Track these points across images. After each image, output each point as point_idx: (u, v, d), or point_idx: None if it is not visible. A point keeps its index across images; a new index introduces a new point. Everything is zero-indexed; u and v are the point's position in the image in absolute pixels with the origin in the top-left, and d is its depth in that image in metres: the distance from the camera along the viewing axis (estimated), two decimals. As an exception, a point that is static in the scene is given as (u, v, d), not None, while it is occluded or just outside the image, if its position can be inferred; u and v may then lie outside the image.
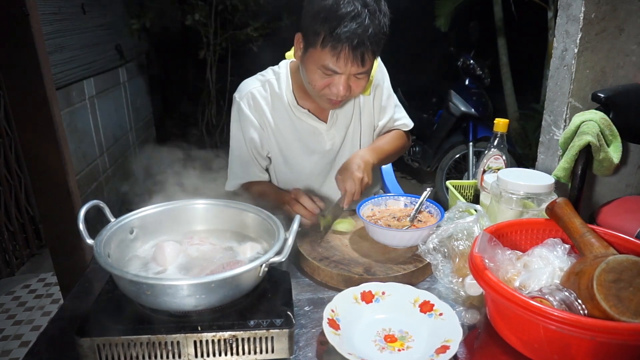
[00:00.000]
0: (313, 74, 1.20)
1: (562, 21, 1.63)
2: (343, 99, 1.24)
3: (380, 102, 1.47)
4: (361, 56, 1.12)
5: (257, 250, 0.96)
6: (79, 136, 2.94)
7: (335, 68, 1.15)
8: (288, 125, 1.40)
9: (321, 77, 1.19)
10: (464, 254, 0.96)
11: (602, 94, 1.54)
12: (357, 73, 1.17)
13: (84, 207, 0.87)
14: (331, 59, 1.13)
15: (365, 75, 1.20)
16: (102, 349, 0.75)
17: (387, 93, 1.48)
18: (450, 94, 3.56)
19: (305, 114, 1.39)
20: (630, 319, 0.70)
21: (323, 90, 1.22)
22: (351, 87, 1.21)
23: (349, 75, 1.17)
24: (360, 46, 1.10)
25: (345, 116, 1.44)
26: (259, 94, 1.38)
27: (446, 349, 0.76)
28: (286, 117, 1.39)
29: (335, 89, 1.19)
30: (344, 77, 1.17)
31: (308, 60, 1.19)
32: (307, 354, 0.81)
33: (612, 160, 1.50)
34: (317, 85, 1.21)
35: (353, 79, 1.19)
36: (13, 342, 2.13)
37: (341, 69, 1.15)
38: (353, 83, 1.20)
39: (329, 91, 1.21)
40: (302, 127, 1.40)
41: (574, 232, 0.88)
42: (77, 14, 3.00)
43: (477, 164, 1.36)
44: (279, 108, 1.39)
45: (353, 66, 1.14)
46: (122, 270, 0.82)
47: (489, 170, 1.27)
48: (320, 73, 1.18)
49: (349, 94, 1.22)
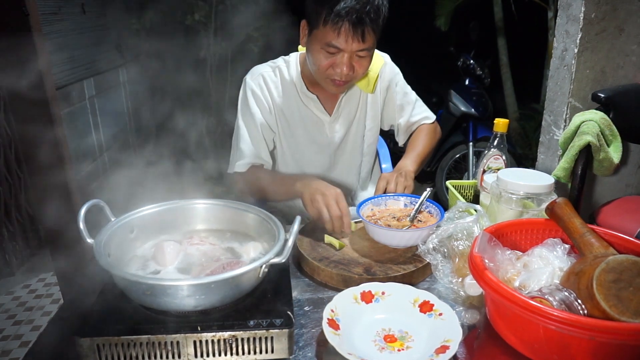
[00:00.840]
0: (317, 54, 1.25)
1: (562, 21, 1.63)
2: (347, 80, 1.28)
3: (396, 102, 1.50)
4: (361, 32, 1.18)
5: (259, 250, 0.96)
6: (79, 136, 2.94)
7: (337, 44, 1.20)
8: (295, 111, 1.43)
9: (325, 57, 1.24)
10: (463, 254, 0.96)
11: (602, 94, 1.54)
12: (359, 50, 1.22)
13: (84, 207, 0.87)
14: (333, 36, 1.19)
15: (367, 54, 1.24)
16: (102, 349, 0.75)
17: (402, 92, 1.51)
18: (450, 94, 3.56)
19: (313, 100, 1.42)
20: (630, 319, 0.70)
21: (327, 71, 1.26)
22: (354, 67, 1.25)
23: (351, 53, 1.22)
24: (360, 21, 1.16)
25: (349, 111, 1.46)
26: (269, 78, 1.43)
27: (446, 349, 0.76)
28: (293, 103, 1.43)
29: (338, 69, 1.24)
30: (346, 55, 1.22)
31: (312, 42, 1.25)
32: (307, 354, 0.81)
33: (612, 160, 1.50)
34: (322, 65, 1.25)
35: (355, 58, 1.24)
36: (13, 342, 2.13)
37: (343, 45, 1.20)
38: (356, 62, 1.25)
39: (333, 71, 1.26)
40: (307, 115, 1.44)
41: (574, 232, 0.88)
42: (77, 14, 3.00)
43: (477, 164, 1.36)
44: (287, 94, 1.43)
45: (354, 42, 1.19)
46: (122, 270, 0.82)
47: (489, 170, 1.27)
48: (324, 53, 1.23)
49: (352, 74, 1.26)
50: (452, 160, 3.55)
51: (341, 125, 1.46)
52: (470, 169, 3.30)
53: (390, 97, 1.49)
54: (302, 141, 1.46)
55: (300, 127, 1.45)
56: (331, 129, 1.46)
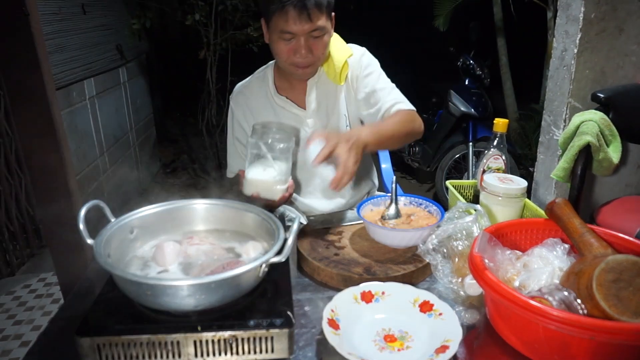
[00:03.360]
0: (277, 44, 1.32)
1: (562, 21, 1.63)
2: (309, 62, 1.33)
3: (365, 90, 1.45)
4: (307, 13, 1.23)
5: (259, 250, 0.96)
6: (79, 136, 2.94)
7: (289, 29, 1.26)
8: (270, 113, 1.50)
9: (284, 45, 1.30)
10: (463, 254, 0.96)
11: (602, 94, 1.54)
12: (311, 31, 1.27)
13: (84, 207, 0.87)
14: (283, 22, 1.26)
15: (320, 33, 1.30)
16: (102, 349, 0.75)
17: (375, 78, 1.46)
18: (450, 94, 3.56)
19: (284, 100, 1.48)
20: (630, 318, 0.70)
21: (289, 58, 1.32)
22: (312, 49, 1.31)
23: (305, 35, 1.28)
24: (302, 4, 1.22)
25: (322, 103, 1.48)
26: (244, 92, 1.53)
27: (446, 348, 0.76)
28: (269, 106, 1.50)
29: (298, 53, 1.30)
30: (302, 38, 1.28)
31: (270, 34, 1.32)
32: (307, 354, 0.81)
33: (612, 160, 1.50)
34: (283, 53, 1.32)
35: (311, 39, 1.30)
36: (13, 342, 2.13)
37: (294, 29, 1.26)
38: (312, 44, 1.30)
39: (294, 57, 1.32)
40: (284, 115, 1.49)
41: (574, 232, 0.88)
42: (77, 14, 3.00)
43: (477, 164, 1.36)
44: (262, 99, 1.51)
45: (303, 24, 1.25)
46: (122, 270, 0.83)
47: (489, 170, 1.27)
48: (282, 42, 1.30)
49: (311, 56, 1.32)
50: (452, 160, 3.55)
51: (319, 117, 1.48)
52: (470, 169, 3.30)
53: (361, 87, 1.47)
54: None
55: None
56: (309, 123, 1.49)
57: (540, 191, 1.83)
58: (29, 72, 1.72)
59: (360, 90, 1.47)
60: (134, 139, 4.03)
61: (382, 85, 1.46)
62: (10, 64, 1.72)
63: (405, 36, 5.65)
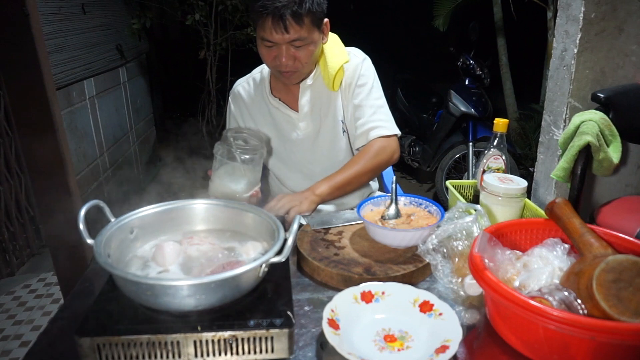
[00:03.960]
0: (261, 49, 1.33)
1: (562, 21, 1.63)
2: (292, 69, 1.33)
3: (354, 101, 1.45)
4: (283, 24, 1.23)
5: (259, 249, 0.96)
6: (79, 136, 2.94)
7: (268, 37, 1.26)
8: (266, 113, 1.52)
9: (266, 51, 1.31)
10: (463, 254, 0.96)
11: (602, 94, 1.54)
12: (291, 41, 1.27)
13: (84, 207, 0.87)
14: (262, 31, 1.26)
15: (301, 43, 1.29)
16: (102, 349, 0.75)
17: (365, 92, 1.44)
18: (450, 94, 3.56)
19: (277, 101, 1.49)
20: (630, 319, 0.70)
21: (273, 63, 1.33)
22: (295, 57, 1.30)
23: (285, 44, 1.28)
24: (279, 15, 1.21)
25: (315, 107, 1.48)
26: (242, 89, 1.54)
27: (446, 348, 0.76)
28: (264, 106, 1.52)
29: (278, 61, 1.31)
30: (283, 46, 1.28)
31: (257, 38, 1.33)
32: (307, 354, 0.81)
33: (612, 160, 1.50)
34: (266, 58, 1.33)
35: (292, 49, 1.29)
36: (13, 342, 2.13)
37: (272, 38, 1.26)
38: (294, 53, 1.30)
39: (277, 63, 1.31)
40: (278, 115, 1.50)
41: (573, 232, 0.88)
42: (77, 14, 3.00)
43: (477, 164, 1.35)
44: (258, 99, 1.52)
45: (279, 34, 1.24)
46: (122, 270, 0.82)
47: (489, 170, 1.27)
48: (264, 47, 1.31)
49: (294, 64, 1.32)
50: (452, 160, 3.55)
51: (311, 120, 1.49)
52: (470, 169, 3.30)
53: (351, 96, 1.46)
54: (277, 140, 1.55)
55: (273, 127, 1.53)
56: (302, 126, 1.50)
57: (540, 191, 1.83)
58: (29, 72, 1.72)
59: (350, 99, 1.47)
60: (134, 139, 4.03)
61: (370, 103, 1.44)
62: (10, 64, 1.72)
63: (405, 36, 5.65)
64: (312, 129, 1.50)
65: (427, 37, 4.19)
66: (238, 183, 1.23)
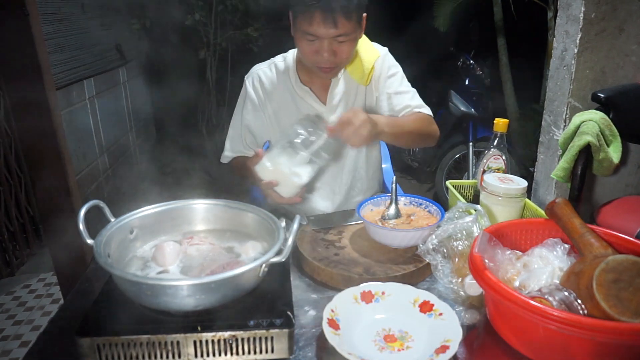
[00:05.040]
0: (301, 43, 1.29)
1: (562, 21, 1.63)
2: (332, 65, 1.30)
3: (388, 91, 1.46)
4: (332, 19, 1.20)
5: (259, 249, 0.96)
6: (79, 136, 2.94)
7: (313, 32, 1.23)
8: (290, 104, 1.46)
9: (307, 45, 1.27)
10: (463, 254, 0.96)
11: (602, 94, 1.54)
12: (336, 36, 1.23)
13: (84, 207, 0.87)
14: (307, 25, 1.22)
15: (346, 39, 1.26)
16: (102, 349, 0.75)
17: (398, 80, 1.48)
18: (450, 94, 3.56)
19: (307, 92, 1.44)
20: (630, 319, 0.70)
21: (313, 58, 1.29)
22: (336, 52, 1.27)
23: (329, 39, 1.24)
24: (330, 9, 1.18)
25: (344, 101, 1.46)
26: (264, 75, 1.48)
27: (446, 349, 0.76)
28: (289, 96, 1.46)
29: (320, 56, 1.27)
30: (325, 41, 1.24)
31: (295, 31, 1.29)
32: (307, 354, 0.81)
33: (612, 160, 1.50)
34: (306, 53, 1.29)
35: (335, 44, 1.26)
36: (13, 342, 2.13)
37: (317, 33, 1.22)
38: (336, 48, 1.27)
39: (318, 58, 1.28)
40: (303, 107, 1.46)
41: (574, 232, 0.88)
42: (77, 14, 3.00)
43: (477, 164, 1.35)
44: (283, 88, 1.46)
45: (327, 29, 1.21)
46: (122, 270, 0.83)
47: (489, 170, 1.27)
48: (305, 41, 1.27)
49: (335, 59, 1.28)
50: (452, 160, 3.55)
51: (337, 114, 1.46)
52: (470, 169, 3.30)
53: (383, 88, 1.47)
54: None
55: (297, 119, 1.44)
56: (328, 119, 1.45)
57: (541, 191, 1.83)
58: (29, 72, 1.72)
59: (382, 91, 1.46)
60: (134, 139, 4.04)
61: (405, 89, 1.47)
62: (10, 64, 1.72)
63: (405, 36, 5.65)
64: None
65: (428, 37, 4.19)
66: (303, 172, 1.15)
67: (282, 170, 1.15)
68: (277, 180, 1.17)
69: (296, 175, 1.16)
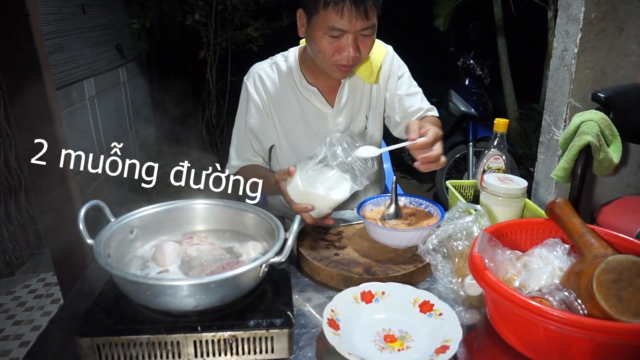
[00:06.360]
0: (321, 41, 1.21)
1: (562, 21, 1.63)
2: (353, 62, 1.24)
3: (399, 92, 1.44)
4: (364, 9, 1.15)
5: (259, 250, 0.96)
6: (79, 136, 2.94)
7: (341, 26, 1.17)
8: (294, 106, 1.40)
9: (330, 42, 1.21)
10: (463, 254, 0.96)
11: (602, 94, 1.54)
12: (363, 29, 1.19)
13: (84, 207, 0.87)
14: (336, 18, 1.16)
15: (370, 32, 1.22)
16: (102, 349, 0.75)
17: (407, 81, 1.47)
18: (450, 94, 3.56)
19: (313, 93, 1.39)
20: (630, 319, 0.70)
21: (333, 57, 1.23)
22: (359, 48, 1.22)
23: (355, 33, 1.19)
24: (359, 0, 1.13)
25: (352, 103, 1.42)
26: (265, 75, 1.41)
27: (446, 349, 0.76)
28: (293, 97, 1.40)
29: (345, 52, 1.21)
30: (351, 36, 1.19)
31: (313, 29, 1.21)
32: (307, 354, 0.81)
33: (612, 160, 1.50)
34: (327, 51, 1.22)
35: (360, 38, 1.21)
36: (13, 342, 2.13)
37: (346, 26, 1.17)
38: (360, 43, 1.21)
39: (339, 56, 1.22)
40: (308, 109, 1.40)
41: (574, 232, 0.88)
42: (77, 14, 3.00)
43: (477, 164, 1.35)
44: (286, 88, 1.40)
45: (358, 21, 1.16)
46: (122, 270, 0.82)
47: (489, 170, 1.27)
48: (327, 38, 1.20)
49: (358, 55, 1.22)
50: (452, 160, 3.55)
51: (344, 117, 1.42)
52: (470, 169, 3.30)
53: (394, 89, 1.44)
54: (303, 136, 1.43)
55: (301, 121, 1.42)
56: (334, 122, 1.42)
57: (541, 191, 1.83)
58: (29, 72, 1.72)
59: (393, 92, 1.43)
60: (134, 139, 4.04)
61: (415, 90, 1.47)
62: (10, 63, 1.72)
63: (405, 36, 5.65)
64: (343, 125, 1.43)
65: (427, 37, 4.19)
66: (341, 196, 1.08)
67: (318, 193, 1.08)
68: (311, 202, 1.09)
69: (331, 199, 1.09)
